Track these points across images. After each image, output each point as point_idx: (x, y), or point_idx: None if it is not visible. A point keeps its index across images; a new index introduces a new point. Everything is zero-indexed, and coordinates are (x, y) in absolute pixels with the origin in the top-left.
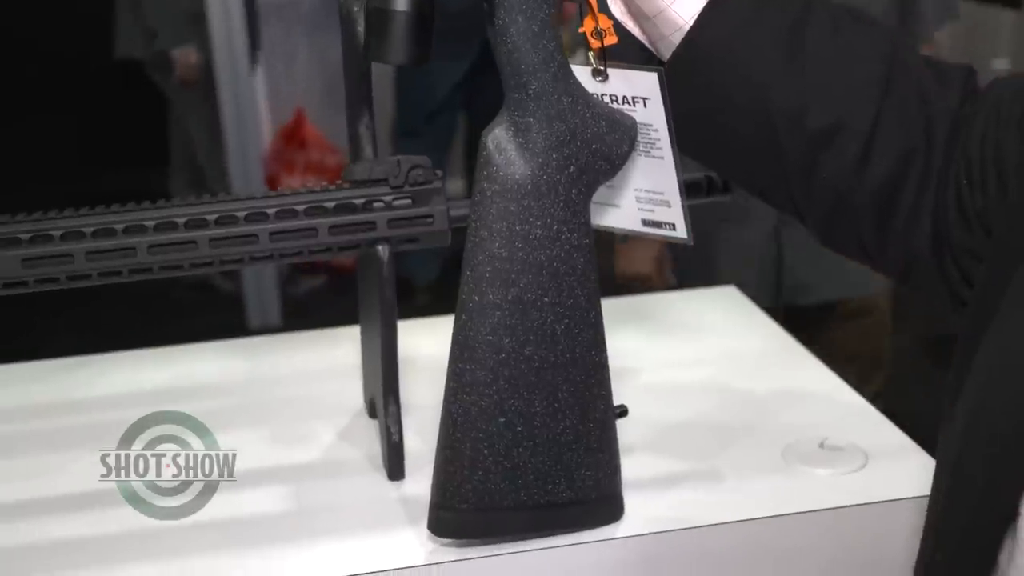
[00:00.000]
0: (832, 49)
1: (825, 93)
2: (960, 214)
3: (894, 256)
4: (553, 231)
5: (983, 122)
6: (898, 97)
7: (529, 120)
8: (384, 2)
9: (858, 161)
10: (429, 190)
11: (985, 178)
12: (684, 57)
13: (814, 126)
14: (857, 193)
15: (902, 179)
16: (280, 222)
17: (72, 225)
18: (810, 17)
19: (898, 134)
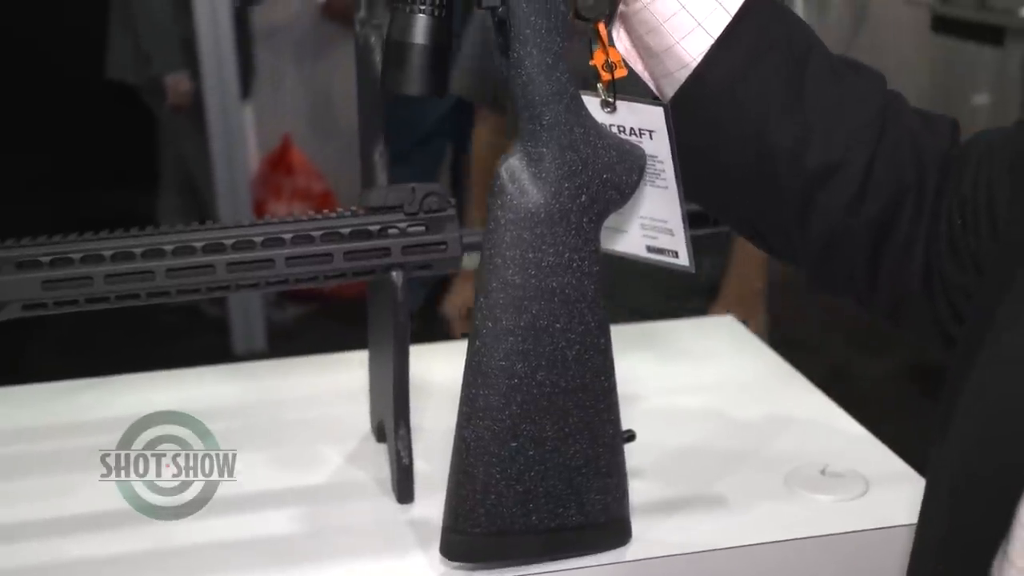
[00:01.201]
0: (831, 93)
1: (823, 134)
2: (952, 253)
3: (885, 294)
4: (565, 258)
5: (976, 165)
6: (892, 140)
7: (542, 150)
8: (403, 34)
9: (853, 199)
10: (443, 217)
11: (978, 219)
12: (690, 93)
13: (812, 164)
14: (851, 230)
15: (895, 217)
16: (296, 247)
17: (91, 248)
18: (811, 62)
19: (892, 174)
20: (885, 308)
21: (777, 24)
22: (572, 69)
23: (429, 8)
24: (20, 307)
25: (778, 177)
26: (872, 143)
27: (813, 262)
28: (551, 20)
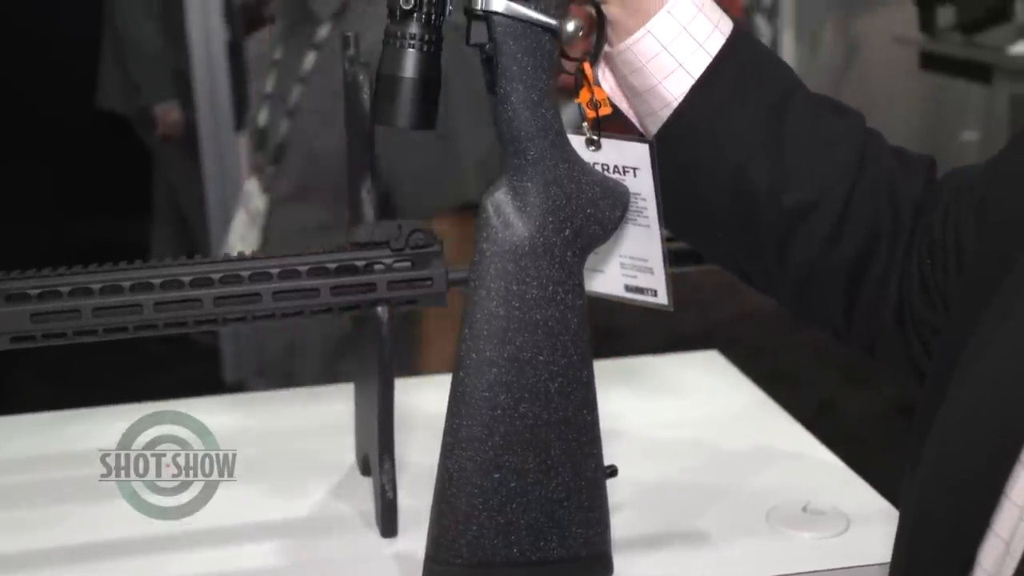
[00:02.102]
0: (810, 133)
1: (802, 174)
2: (923, 291)
3: (860, 328)
4: (549, 291)
5: (945, 207)
6: (868, 181)
7: (527, 184)
8: (393, 68)
9: (830, 238)
10: (429, 253)
11: (946, 258)
12: (672, 132)
13: (790, 203)
14: (827, 267)
15: (870, 256)
16: (283, 282)
17: (80, 282)
18: (790, 102)
19: (867, 214)
20: (862, 343)
21: (758, 65)
22: (557, 106)
23: (418, 43)
24: (8, 340)
25: (757, 215)
26: (848, 184)
27: (792, 297)
28: (537, 58)
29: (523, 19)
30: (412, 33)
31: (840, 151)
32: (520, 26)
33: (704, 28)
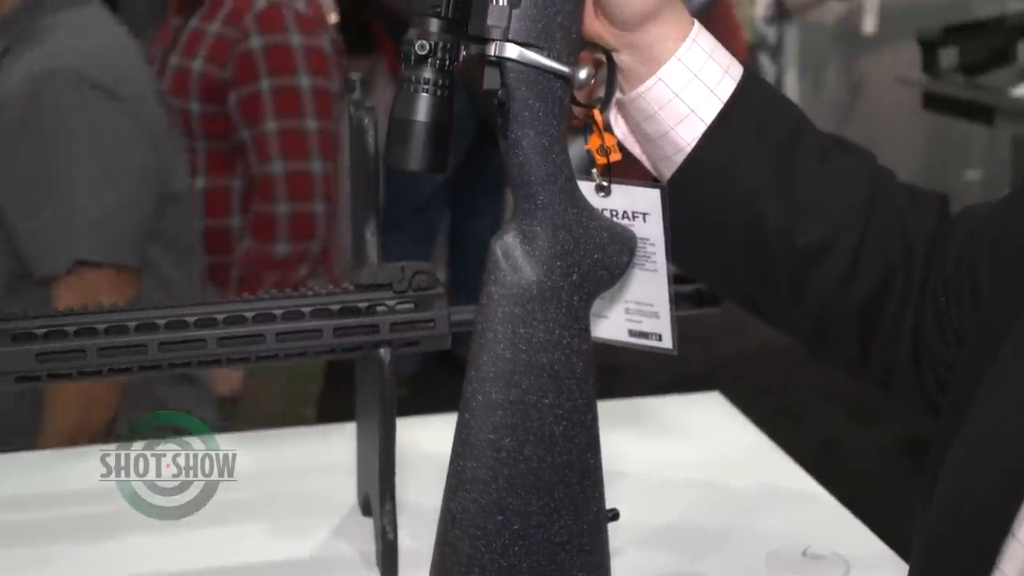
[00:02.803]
0: (821, 174)
1: (814, 214)
2: (938, 328)
3: (876, 365)
4: (555, 335)
5: (959, 244)
6: (881, 219)
7: (536, 229)
8: (406, 112)
9: (844, 277)
10: (432, 295)
11: (961, 294)
12: (685, 175)
13: (803, 244)
14: (842, 306)
15: (884, 294)
16: (286, 323)
17: (85, 322)
18: (801, 144)
19: (880, 253)
20: (877, 380)
21: (768, 108)
22: (567, 152)
23: (432, 88)
24: (13, 380)
25: (771, 256)
26: (861, 223)
27: (807, 334)
28: (548, 104)
29: (536, 66)
30: (426, 78)
31: (851, 191)
32: (532, 72)
33: (715, 74)
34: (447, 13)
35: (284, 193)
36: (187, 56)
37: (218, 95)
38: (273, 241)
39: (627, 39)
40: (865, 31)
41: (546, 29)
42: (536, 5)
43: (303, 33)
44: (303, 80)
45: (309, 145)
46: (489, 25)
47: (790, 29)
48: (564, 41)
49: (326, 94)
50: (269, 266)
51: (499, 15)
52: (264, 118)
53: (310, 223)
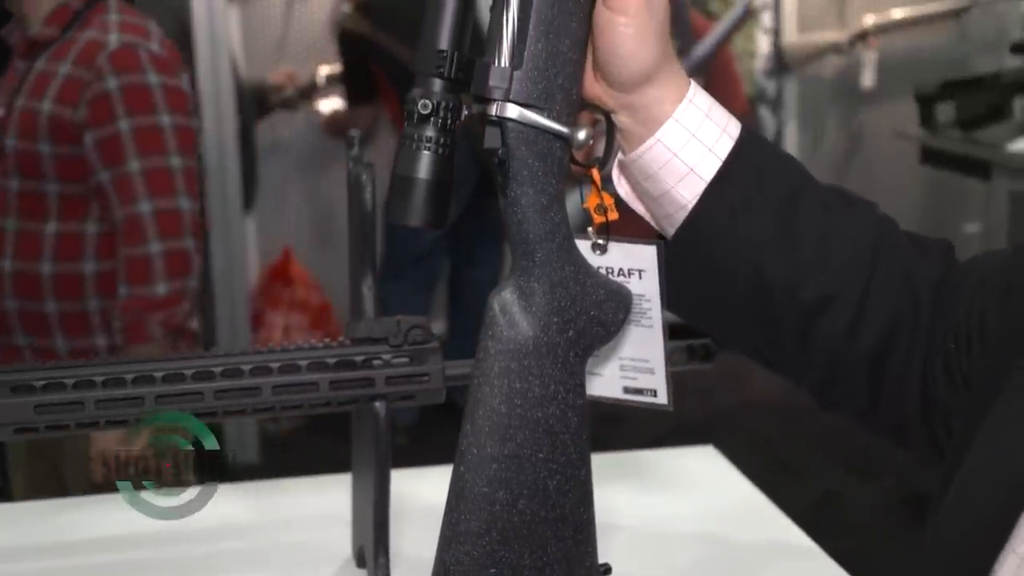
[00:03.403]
0: (823, 227)
1: (817, 267)
2: (947, 376)
3: (886, 416)
4: (551, 390)
5: (969, 292)
6: (885, 270)
7: (534, 285)
8: (408, 169)
9: (849, 329)
10: (427, 350)
11: (970, 343)
12: (688, 233)
13: (807, 297)
14: (849, 358)
15: (891, 345)
16: (283, 376)
17: (84, 374)
18: (802, 197)
19: (886, 304)
20: (887, 428)
21: (767, 164)
22: (565, 210)
23: (433, 146)
24: (12, 431)
25: (776, 310)
26: (865, 274)
27: (816, 384)
28: (547, 163)
29: (536, 126)
30: (428, 136)
31: (854, 242)
32: (532, 132)
33: (712, 133)
34: (450, 73)
35: (155, 232)
36: (35, 98)
37: (71, 136)
38: (151, 283)
39: (625, 100)
40: (864, 85)
41: (546, 90)
42: (537, 67)
43: (160, 72)
44: (164, 118)
45: (175, 182)
46: (491, 86)
47: (790, 82)
48: (564, 102)
49: (188, 131)
50: (151, 308)
51: (501, 76)
52: (126, 159)
53: (185, 259)
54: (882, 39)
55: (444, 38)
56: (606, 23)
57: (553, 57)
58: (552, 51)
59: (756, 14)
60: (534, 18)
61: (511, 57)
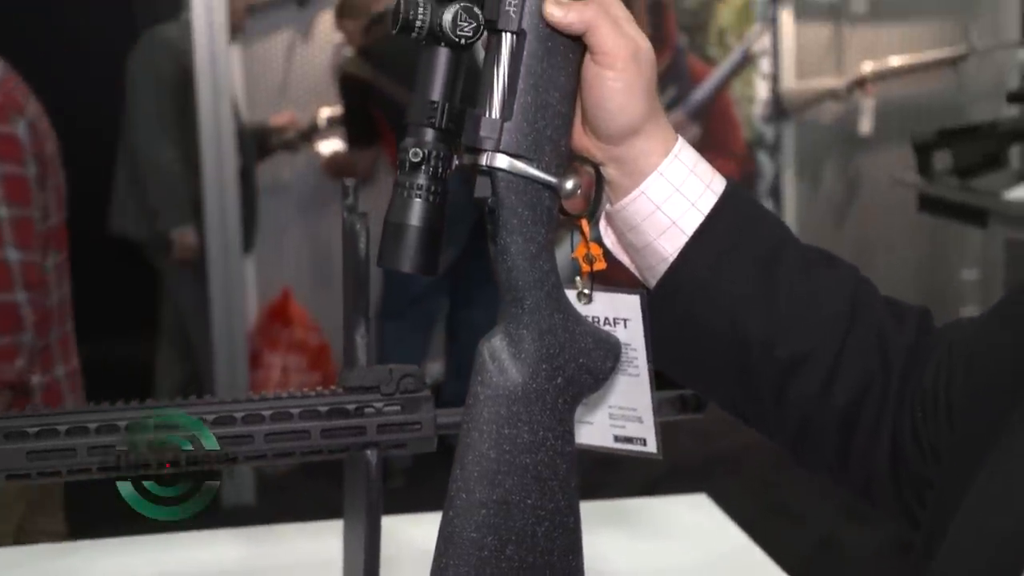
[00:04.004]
0: (802, 285)
1: (794, 325)
2: (915, 443)
3: (856, 475)
4: (539, 437)
5: (937, 359)
6: (860, 332)
7: (523, 332)
8: (400, 216)
9: (823, 387)
10: (418, 398)
11: (937, 410)
12: (668, 285)
13: (783, 354)
14: (822, 415)
15: (861, 406)
16: (275, 424)
17: (77, 420)
18: (782, 255)
19: (858, 365)
20: (857, 487)
21: (749, 222)
22: (554, 259)
23: (425, 194)
24: (4, 477)
25: (751, 365)
26: (840, 336)
27: (789, 440)
28: (537, 213)
29: (525, 176)
30: (420, 184)
31: (831, 304)
32: (522, 182)
33: (696, 188)
34: (441, 124)
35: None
36: None
37: None
38: None
39: (613, 153)
40: (862, 132)
41: (536, 141)
42: (527, 119)
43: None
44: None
45: (2, 233)
46: (481, 136)
47: (788, 128)
48: (553, 153)
49: (18, 180)
50: None
51: (491, 127)
52: None
53: (14, 313)
54: (880, 86)
55: (436, 90)
56: (594, 77)
57: (542, 109)
58: (541, 103)
59: (754, 60)
60: (524, 71)
61: (501, 109)
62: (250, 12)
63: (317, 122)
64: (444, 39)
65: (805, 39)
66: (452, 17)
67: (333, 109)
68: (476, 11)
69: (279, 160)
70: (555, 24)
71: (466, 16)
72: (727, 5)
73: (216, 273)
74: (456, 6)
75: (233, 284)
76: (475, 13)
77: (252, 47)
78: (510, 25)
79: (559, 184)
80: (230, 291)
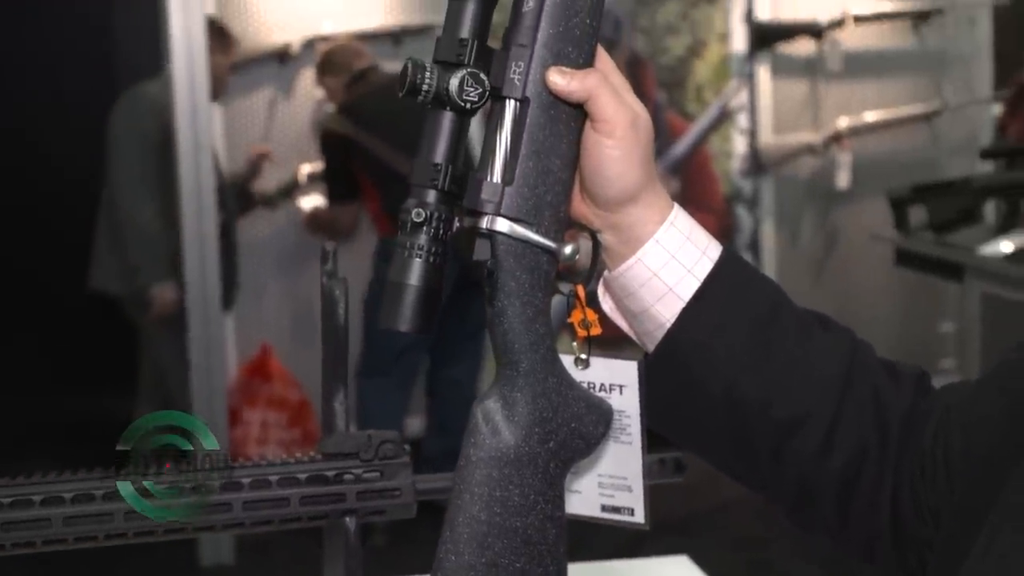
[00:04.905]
0: (798, 349)
1: (790, 389)
2: (914, 505)
3: (856, 536)
4: (530, 500)
5: (935, 422)
6: (857, 394)
7: (517, 395)
8: (401, 276)
9: (819, 451)
10: (397, 464)
11: (936, 473)
12: (665, 350)
13: (780, 417)
14: (820, 477)
15: (860, 467)
16: (254, 491)
17: (52, 491)
18: (779, 319)
19: (856, 428)
20: (858, 549)
21: (745, 287)
22: (551, 323)
23: (425, 254)
24: None
25: (748, 428)
26: (837, 398)
27: (787, 504)
28: (535, 277)
29: (524, 240)
30: (421, 245)
31: (827, 366)
32: (521, 246)
33: (692, 255)
34: (444, 186)
35: None
36: None
37: None
38: None
39: (610, 220)
40: (839, 186)
41: (536, 206)
42: (527, 184)
43: None
44: None
45: None
46: (483, 199)
47: (766, 182)
48: (552, 218)
49: None
50: None
51: (492, 191)
52: None
53: None
54: (856, 141)
55: (440, 152)
56: (594, 145)
57: (543, 175)
58: (543, 169)
59: (732, 115)
60: (527, 138)
61: (503, 173)
62: (232, 69)
63: (298, 178)
64: (450, 103)
65: (782, 95)
66: (459, 83)
67: (314, 165)
68: (483, 77)
69: (259, 216)
70: (558, 92)
71: (473, 82)
72: (704, 61)
73: (196, 329)
74: (463, 72)
75: (213, 340)
76: (481, 79)
77: (233, 104)
78: (514, 92)
79: (558, 249)
80: (210, 347)
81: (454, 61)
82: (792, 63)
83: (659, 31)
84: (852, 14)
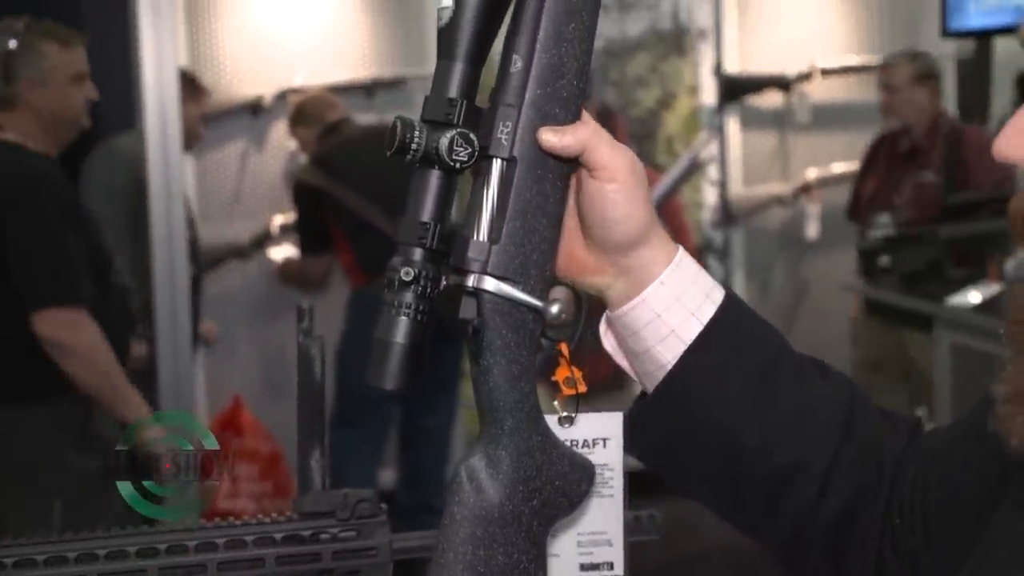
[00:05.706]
0: (797, 395)
1: (789, 434)
2: (894, 551)
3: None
4: (514, 559)
5: (915, 468)
6: (854, 442)
7: (501, 453)
8: (387, 334)
9: (816, 496)
10: (374, 523)
11: (914, 520)
12: (666, 391)
13: (777, 463)
14: (814, 524)
15: (853, 514)
16: (229, 552)
17: (25, 553)
18: (779, 366)
19: (852, 474)
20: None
21: (746, 332)
22: (535, 381)
23: (412, 312)
24: None
25: (745, 473)
26: (834, 445)
27: (781, 547)
28: (520, 335)
29: (510, 298)
30: (407, 303)
31: (826, 413)
32: (507, 304)
33: (695, 299)
34: (431, 244)
35: None
36: None
37: None
38: None
39: (621, 264)
40: (808, 236)
41: (522, 265)
42: (514, 242)
43: None
44: None
45: None
46: (469, 258)
47: (736, 233)
48: (538, 277)
49: None
50: None
51: (479, 250)
52: None
53: None
54: (824, 192)
55: (427, 211)
56: (595, 192)
57: (530, 234)
58: (529, 228)
59: (702, 166)
60: (513, 197)
61: (490, 232)
62: (204, 120)
63: (270, 229)
64: (438, 163)
65: (751, 147)
66: (448, 143)
67: (286, 216)
68: (472, 138)
69: (231, 267)
70: (552, 150)
71: (462, 142)
72: (674, 114)
73: (166, 382)
74: (453, 132)
75: (183, 393)
76: (471, 140)
77: (206, 156)
78: (501, 152)
79: (544, 308)
80: (180, 400)
81: (443, 120)
82: (761, 115)
83: (629, 84)
84: (819, 67)
